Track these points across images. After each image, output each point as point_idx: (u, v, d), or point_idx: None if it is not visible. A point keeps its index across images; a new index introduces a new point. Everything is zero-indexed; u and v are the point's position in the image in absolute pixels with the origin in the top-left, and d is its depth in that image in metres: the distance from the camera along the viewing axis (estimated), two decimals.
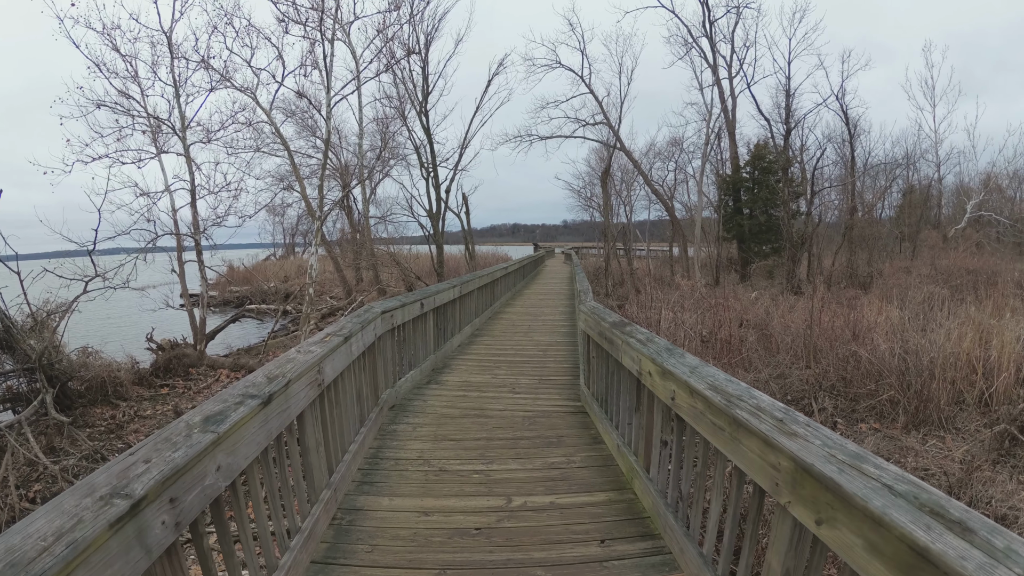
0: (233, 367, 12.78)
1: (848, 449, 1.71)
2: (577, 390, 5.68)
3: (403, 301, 5.18)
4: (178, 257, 14.74)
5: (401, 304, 5.10)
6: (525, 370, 6.61)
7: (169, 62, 14.08)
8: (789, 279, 21.59)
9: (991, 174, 34.85)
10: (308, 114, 22.54)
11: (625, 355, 3.50)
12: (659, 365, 2.86)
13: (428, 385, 5.89)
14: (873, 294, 18.58)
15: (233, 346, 15.38)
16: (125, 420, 10.04)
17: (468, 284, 8.38)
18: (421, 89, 19.77)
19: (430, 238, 20.46)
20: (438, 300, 6.55)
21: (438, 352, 6.73)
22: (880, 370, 8.90)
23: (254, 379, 2.45)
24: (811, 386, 8.60)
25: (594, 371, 4.76)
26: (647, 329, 3.82)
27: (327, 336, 3.33)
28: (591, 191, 40.30)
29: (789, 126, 22.27)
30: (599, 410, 4.52)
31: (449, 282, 7.43)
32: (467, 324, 8.62)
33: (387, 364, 4.92)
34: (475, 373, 6.45)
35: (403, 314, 5.21)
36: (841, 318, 12.15)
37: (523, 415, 4.94)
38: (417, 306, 5.65)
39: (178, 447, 1.75)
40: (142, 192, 14.05)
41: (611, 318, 4.05)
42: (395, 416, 4.87)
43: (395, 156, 23.95)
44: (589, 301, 5.16)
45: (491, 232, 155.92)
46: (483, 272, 10.20)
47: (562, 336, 9.07)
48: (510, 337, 8.93)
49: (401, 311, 5.10)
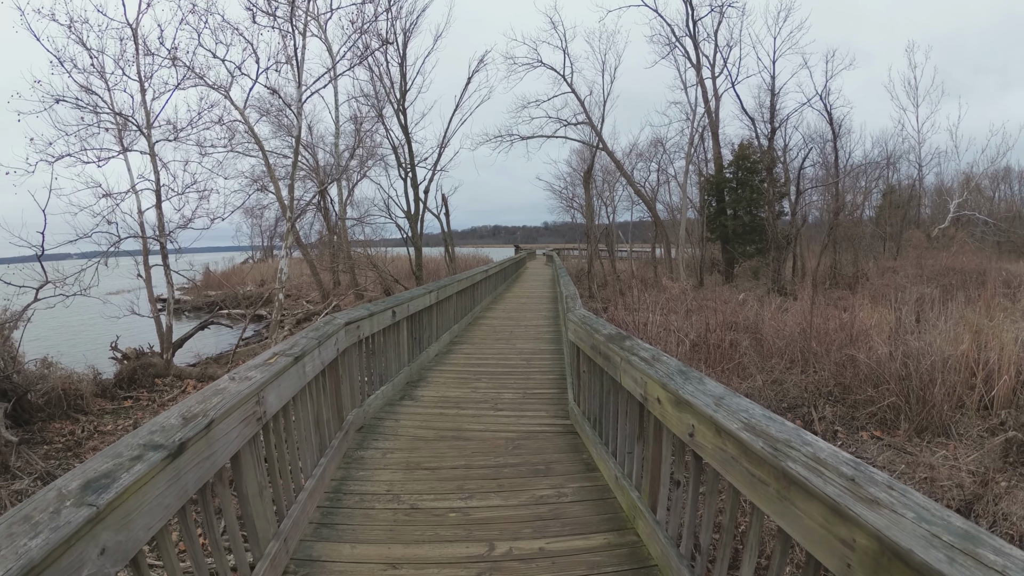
0: (200, 377, 12.13)
1: (954, 526, 1.23)
2: (565, 406, 5.19)
3: (371, 310, 4.64)
4: (144, 261, 14.04)
5: (369, 313, 4.56)
6: (508, 382, 6.10)
7: (135, 56, 13.41)
8: (775, 280, 21.35)
9: (969, 175, 35.18)
10: (284, 113, 21.86)
11: (625, 375, 3.01)
12: (671, 392, 2.37)
13: (401, 402, 5.36)
14: (861, 295, 18.38)
15: (203, 354, 14.69)
16: (84, 436, 9.44)
17: (446, 289, 7.85)
18: (399, 87, 19.19)
19: (408, 240, 19.86)
20: (412, 307, 6.02)
21: (413, 364, 6.20)
22: (879, 375, 8.59)
23: (165, 420, 1.92)
24: (810, 393, 8.22)
25: (585, 387, 4.27)
26: (641, 339, 3.36)
27: (273, 357, 2.79)
28: (573, 191, 40.01)
29: (774, 125, 22.07)
30: (592, 432, 4.04)
31: (425, 287, 6.89)
32: (445, 331, 8.10)
33: (353, 381, 4.39)
34: (453, 386, 5.93)
35: (372, 324, 4.68)
36: (834, 321, 11.84)
37: (506, 436, 4.44)
38: (388, 315, 5.11)
39: (39, 530, 1.22)
40: (105, 193, 13.37)
41: (606, 330, 3.55)
42: (363, 439, 4.34)
43: (372, 156, 23.34)
44: (578, 309, 4.66)
45: (472, 234, 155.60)
46: (462, 276, 9.68)
47: (546, 343, 8.58)
48: (491, 344, 8.42)
49: (369, 321, 4.57)
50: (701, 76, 25.61)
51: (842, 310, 14.08)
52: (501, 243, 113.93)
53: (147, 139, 12.87)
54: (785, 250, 21.98)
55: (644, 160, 31.54)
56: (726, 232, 25.02)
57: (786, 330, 10.63)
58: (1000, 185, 41.33)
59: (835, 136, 25.60)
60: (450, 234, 24.82)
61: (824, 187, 26.33)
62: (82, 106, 12.53)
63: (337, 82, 20.89)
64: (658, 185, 30.70)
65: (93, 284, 12.28)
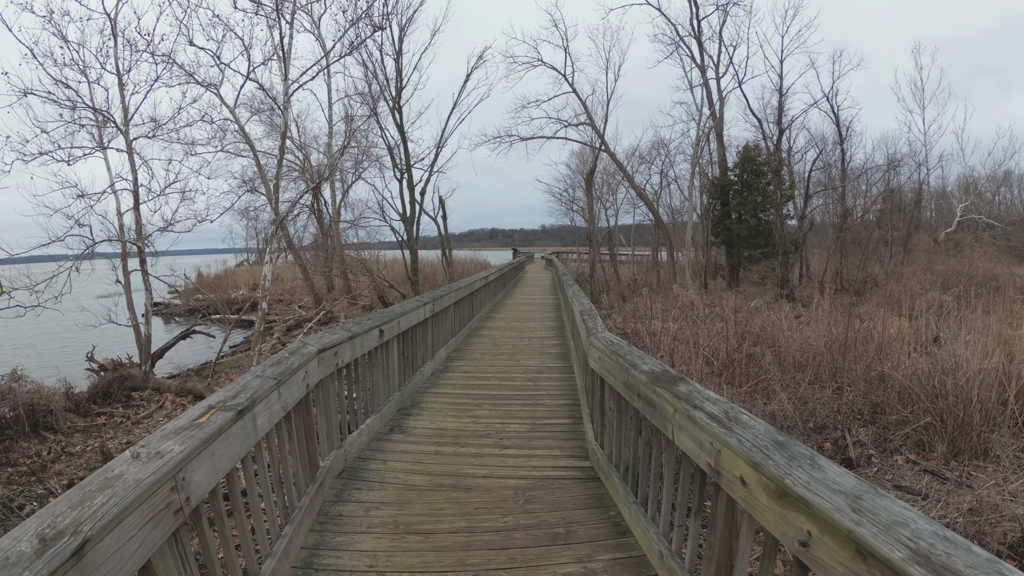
0: (179, 391, 11.33)
1: None
2: (582, 441, 4.44)
3: (352, 331, 3.88)
4: (123, 266, 13.29)
5: (350, 336, 3.80)
6: (513, 410, 5.33)
7: (113, 48, 12.67)
8: (783, 285, 20.66)
9: (970, 178, 34.90)
10: (276, 112, 21.11)
11: (682, 432, 2.27)
12: (769, 477, 1.63)
13: (391, 435, 4.59)
14: (873, 301, 17.69)
15: (184, 364, 13.88)
16: (51, 458, 8.67)
17: (442, 300, 7.08)
18: (394, 84, 18.44)
19: (403, 243, 19.07)
20: (404, 323, 5.26)
21: (405, 387, 5.44)
22: (912, 392, 7.91)
23: (11, 547, 1.17)
24: (842, 415, 7.49)
25: (612, 428, 3.52)
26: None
27: (208, 412, 2.03)
28: (573, 194, 39.35)
29: (781, 126, 21.38)
30: (621, 484, 3.29)
31: (419, 299, 6.12)
32: (442, 346, 7.33)
33: (331, 419, 3.64)
34: (451, 414, 5.16)
35: (354, 348, 3.92)
36: (853, 331, 11.14)
37: (515, 485, 3.68)
38: (374, 335, 4.35)
39: None
40: (80, 194, 12.62)
41: (647, 365, 2.78)
42: (343, 488, 3.59)
43: (368, 156, 22.59)
44: (602, 332, 3.88)
45: (469, 237, 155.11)
46: (460, 284, 8.90)
47: (553, 359, 7.80)
48: (492, 360, 7.65)
49: (350, 345, 3.81)
50: (706, 77, 24.95)
51: (858, 319, 13.40)
52: (499, 246, 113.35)
53: (125, 136, 12.10)
54: (793, 255, 21.28)
55: (646, 163, 30.90)
56: (731, 236, 24.32)
57: (809, 342, 9.89)
58: (1000, 188, 40.97)
59: (842, 139, 24.97)
60: (447, 237, 24.07)
61: (830, 190, 25.71)
62: (55, 100, 11.76)
63: (331, 79, 20.17)
64: (661, 188, 30.03)
65: (65, 291, 11.51)
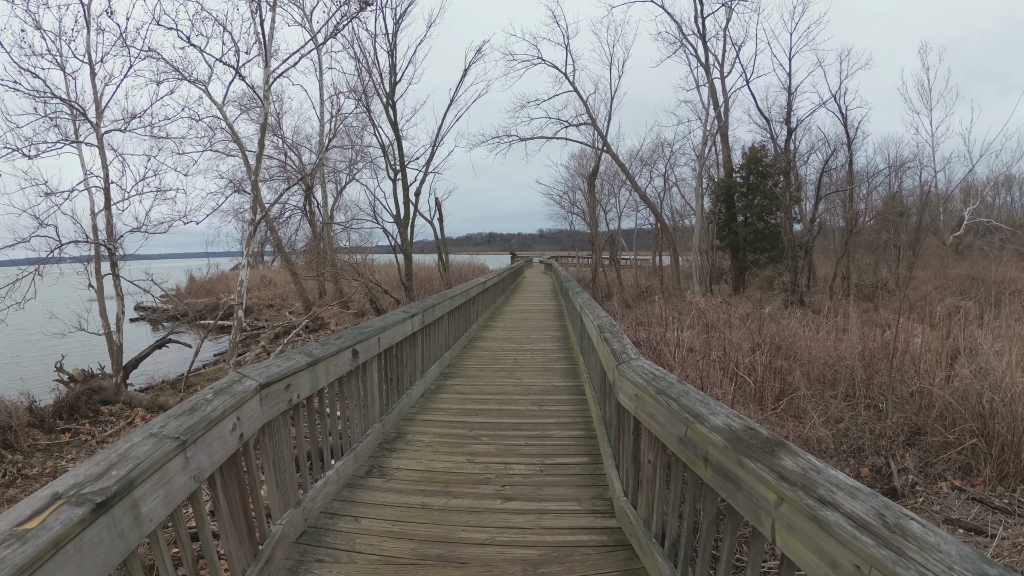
0: (151, 406, 10.47)
1: None
2: (602, 487, 3.58)
3: (313, 356, 3.00)
4: (95, 269, 12.44)
5: (310, 362, 2.93)
6: (516, 444, 4.42)
7: (86, 36, 11.85)
8: (792, 291, 19.84)
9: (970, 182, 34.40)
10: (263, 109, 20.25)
11: (794, 536, 1.41)
12: None
13: (367, 479, 3.72)
14: (890, 308, 16.89)
15: (164, 374, 12.96)
16: (5, 482, 7.90)
17: (435, 309, 6.20)
18: (388, 79, 17.59)
19: (397, 247, 18.19)
20: (386, 340, 4.39)
21: (388, 416, 4.57)
22: (953, 410, 7.13)
23: None
24: (887, 439, 6.65)
25: (650, 484, 2.65)
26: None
27: (52, 506, 1.18)
28: (572, 196, 38.60)
29: (790, 126, 20.59)
30: (665, 563, 2.42)
31: (406, 310, 5.23)
32: (434, 362, 6.46)
33: (283, 470, 2.77)
34: (442, 450, 4.27)
35: (315, 377, 3.05)
36: (880, 343, 10.33)
37: (523, 556, 2.79)
38: (345, 357, 3.49)
39: None
40: (48, 192, 11.79)
41: (718, 417, 1.88)
42: (300, 561, 2.71)
43: (363, 158, 21.74)
44: (636, 357, 2.94)
45: (467, 241, 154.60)
46: (455, 291, 8.02)
47: (560, 376, 6.89)
48: (491, 378, 6.73)
49: (309, 374, 2.94)
50: (710, 76, 24.19)
51: (880, 327, 12.61)
52: (496, 250, 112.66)
53: (96, 130, 11.24)
54: (803, 259, 20.48)
55: (647, 167, 30.11)
56: (736, 239, 23.54)
57: (841, 356, 9.05)
58: (1001, 191, 40.46)
59: (850, 140, 24.22)
60: (444, 241, 23.23)
61: (840, 192, 24.95)
62: (20, 90, 10.91)
63: (322, 76, 19.36)
64: (664, 190, 29.22)
65: (28, 296, 10.66)
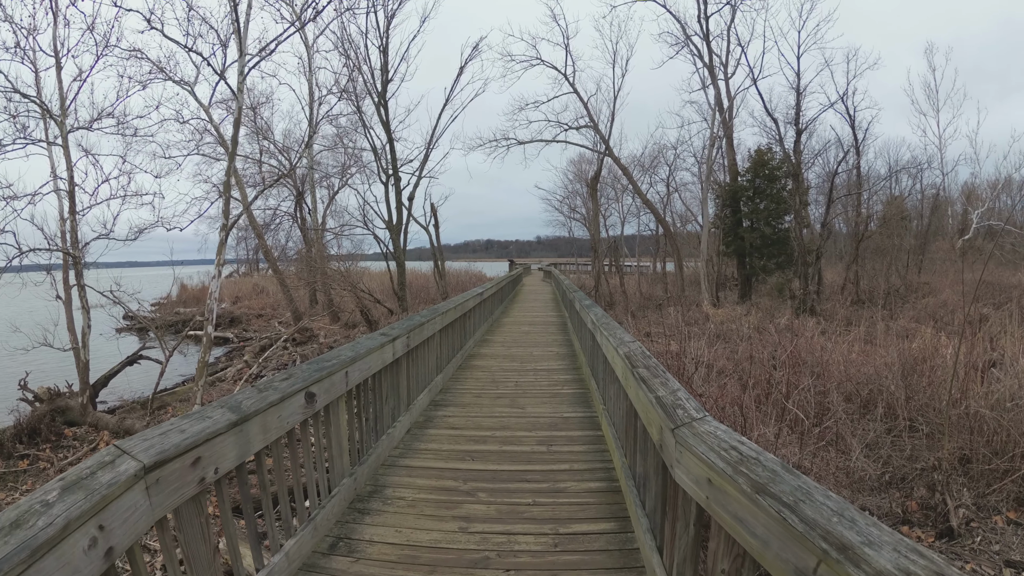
0: (116, 430, 9.57)
1: None
2: (638, 570, 2.72)
3: (241, 411, 2.03)
4: (64, 279, 11.58)
5: (233, 421, 1.98)
6: (522, 504, 3.46)
7: (52, 27, 11.03)
8: (804, 298, 19.01)
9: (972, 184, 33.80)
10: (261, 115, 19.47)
11: None
12: None
13: (330, 556, 2.80)
14: (907, 317, 16.09)
15: (132, 394, 12.02)
16: None
17: (423, 329, 5.27)
18: (380, 78, 16.75)
19: (389, 255, 17.27)
20: (357, 373, 3.45)
21: (363, 465, 3.66)
22: (1005, 432, 6.34)
23: None
24: (944, 473, 5.78)
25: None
26: None
27: None
28: (572, 202, 37.82)
29: (799, 127, 19.81)
30: None
31: (386, 332, 4.29)
32: (423, 390, 5.55)
33: (200, 572, 1.90)
34: (427, 513, 3.33)
35: (244, 441, 2.12)
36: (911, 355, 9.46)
37: None
38: (296, 402, 2.58)
39: None
40: (12, 196, 10.93)
41: (882, 553, 1.00)
42: None
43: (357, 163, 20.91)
44: (699, 415, 1.94)
45: (464, 248, 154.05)
46: (449, 304, 7.08)
47: (569, 403, 5.94)
48: (489, 407, 5.80)
49: (235, 438, 2.00)
50: (714, 77, 23.46)
51: (903, 338, 11.78)
52: (494, 257, 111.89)
53: (60, 128, 10.38)
54: (813, 265, 19.65)
55: (648, 173, 29.32)
56: (742, 245, 22.72)
57: (866, 370, 8.19)
58: (1000, 195, 39.85)
59: (857, 143, 23.49)
60: (440, 248, 22.37)
61: (850, 196, 24.20)
62: None
63: (312, 75, 18.53)
64: (668, 194, 28.41)
65: None
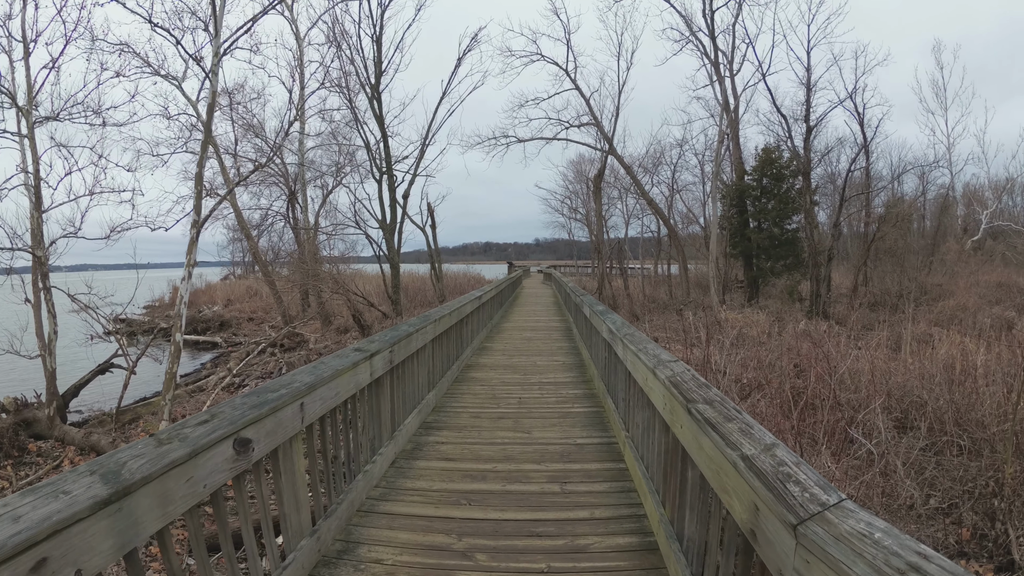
0: (83, 446, 8.80)
1: None
2: None
3: (119, 481, 1.20)
4: (33, 281, 10.85)
5: (101, 501, 1.18)
6: (532, 574, 2.66)
7: (22, 11, 10.35)
8: (815, 301, 18.28)
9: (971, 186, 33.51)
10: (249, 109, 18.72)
11: None
12: None
13: None
14: (926, 320, 15.35)
15: (107, 403, 11.23)
16: None
17: (411, 340, 4.48)
18: (373, 71, 15.97)
19: (381, 256, 16.47)
20: (317, 404, 2.66)
21: (329, 519, 2.83)
22: None
23: None
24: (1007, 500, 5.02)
25: None
26: None
27: None
28: (572, 203, 37.13)
29: (809, 124, 19.10)
30: None
31: (361, 346, 3.46)
32: (411, 411, 4.76)
33: None
34: None
35: (121, 529, 1.32)
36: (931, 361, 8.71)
37: None
38: (219, 454, 1.81)
39: None
40: None
41: None
42: None
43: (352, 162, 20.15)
44: (843, 509, 1.20)
45: (463, 251, 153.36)
46: (444, 310, 6.29)
47: (582, 425, 5.13)
48: (489, 431, 5.00)
49: (107, 526, 1.20)
50: (720, 74, 22.76)
51: (927, 344, 11.05)
52: (493, 260, 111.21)
53: (26, 118, 9.63)
54: (825, 267, 18.93)
55: (650, 174, 28.60)
56: (749, 247, 22.02)
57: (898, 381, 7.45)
58: (1003, 196, 39.35)
59: (866, 141, 22.80)
60: (437, 249, 21.59)
61: (858, 196, 23.50)
62: None
63: (303, 69, 17.76)
64: (672, 194, 27.67)
65: None
